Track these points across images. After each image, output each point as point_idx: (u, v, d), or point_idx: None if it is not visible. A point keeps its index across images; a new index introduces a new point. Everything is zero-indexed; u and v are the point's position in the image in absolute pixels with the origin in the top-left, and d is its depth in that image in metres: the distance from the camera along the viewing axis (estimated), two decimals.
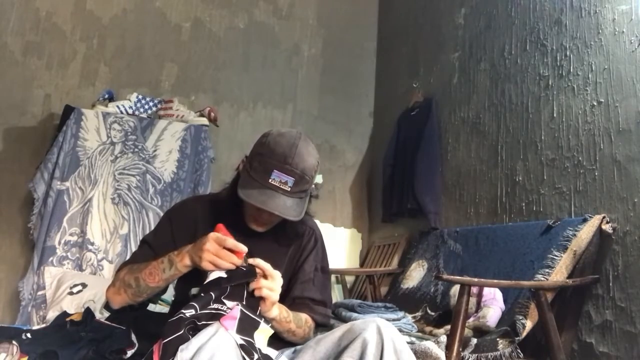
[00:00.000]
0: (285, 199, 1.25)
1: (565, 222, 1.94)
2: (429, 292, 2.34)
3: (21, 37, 3.02)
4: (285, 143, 1.28)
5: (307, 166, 1.28)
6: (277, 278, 1.22)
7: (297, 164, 1.26)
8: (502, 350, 1.65)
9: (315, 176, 1.32)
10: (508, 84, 2.47)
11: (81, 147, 2.71)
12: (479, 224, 2.51)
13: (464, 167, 2.70)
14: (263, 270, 1.21)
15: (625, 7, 1.92)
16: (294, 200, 1.27)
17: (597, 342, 1.81)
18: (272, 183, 1.24)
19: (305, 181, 1.28)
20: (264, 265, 1.21)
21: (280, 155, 1.26)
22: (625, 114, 1.86)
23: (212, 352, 1.04)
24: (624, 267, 1.77)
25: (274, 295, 1.21)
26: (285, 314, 1.29)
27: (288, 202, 1.25)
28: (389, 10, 3.78)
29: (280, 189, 1.25)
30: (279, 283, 1.22)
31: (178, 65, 3.32)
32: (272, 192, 1.24)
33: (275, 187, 1.24)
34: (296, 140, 1.28)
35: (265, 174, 1.25)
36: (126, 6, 3.27)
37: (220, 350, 1.05)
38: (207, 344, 1.06)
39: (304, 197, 1.31)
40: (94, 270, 2.57)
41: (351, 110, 3.71)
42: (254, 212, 1.32)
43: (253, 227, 1.35)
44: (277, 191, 1.25)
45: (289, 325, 1.30)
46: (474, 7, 2.81)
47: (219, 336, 1.08)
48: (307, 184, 1.29)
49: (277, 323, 1.27)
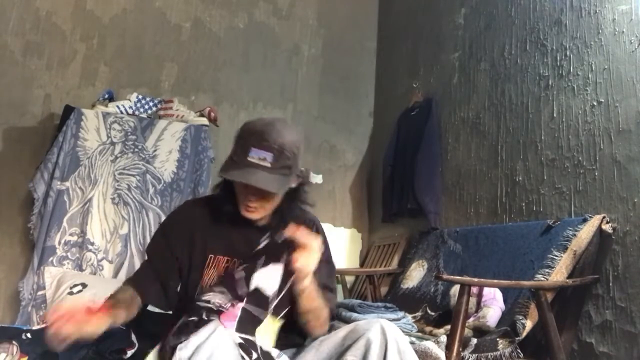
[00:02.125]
0: (266, 175, 1.24)
1: (565, 222, 1.94)
2: (429, 292, 2.34)
3: (21, 37, 3.01)
4: (262, 123, 1.30)
5: (286, 141, 1.27)
6: (313, 248, 1.22)
7: (274, 140, 1.25)
8: (502, 350, 1.65)
9: (298, 154, 1.32)
10: (508, 84, 2.47)
11: (81, 147, 2.70)
12: (479, 224, 2.51)
13: (464, 167, 2.69)
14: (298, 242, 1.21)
15: (625, 7, 1.93)
16: (275, 177, 1.26)
17: (597, 342, 1.81)
18: (251, 160, 1.24)
19: (285, 156, 1.27)
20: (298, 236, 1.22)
21: (257, 133, 1.26)
22: (625, 114, 1.86)
23: (211, 350, 1.04)
24: (624, 267, 1.78)
25: (308, 267, 1.21)
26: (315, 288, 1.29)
27: (269, 178, 1.25)
28: (389, 10, 3.78)
29: (260, 165, 1.24)
30: (315, 254, 1.22)
31: (178, 65, 3.32)
32: (253, 170, 1.24)
33: (255, 164, 1.24)
34: (274, 121, 1.30)
35: (244, 152, 1.26)
36: (126, 6, 3.26)
37: (219, 349, 1.05)
38: (205, 342, 1.06)
39: (288, 174, 1.30)
40: (94, 270, 2.57)
41: (351, 110, 3.71)
42: (242, 197, 1.31)
43: (247, 216, 1.33)
44: (258, 168, 1.24)
45: (315, 302, 1.29)
46: (474, 7, 2.81)
47: (217, 334, 1.08)
48: (289, 160, 1.28)
49: (306, 298, 1.26)
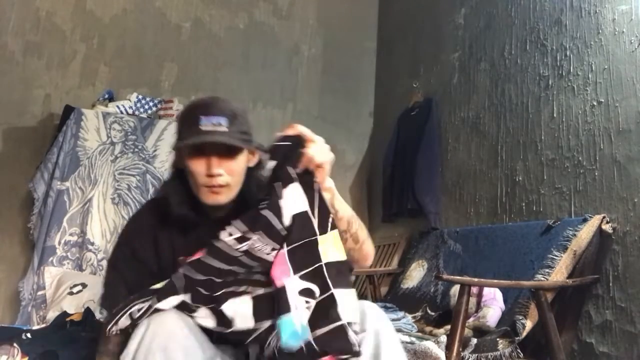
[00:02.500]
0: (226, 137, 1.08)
1: (565, 222, 1.94)
2: (429, 292, 2.34)
3: (21, 37, 3.01)
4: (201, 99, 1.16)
5: (236, 109, 1.13)
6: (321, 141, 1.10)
7: (223, 107, 1.11)
8: (502, 350, 1.65)
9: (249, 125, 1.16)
10: (508, 84, 2.47)
11: (81, 147, 2.70)
12: (479, 224, 2.51)
13: (464, 167, 2.69)
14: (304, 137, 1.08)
15: (625, 7, 1.93)
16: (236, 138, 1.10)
17: (597, 342, 1.81)
18: (204, 129, 1.07)
19: (241, 121, 1.12)
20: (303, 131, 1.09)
21: (201, 106, 1.12)
22: (625, 114, 1.86)
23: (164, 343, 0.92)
24: (624, 267, 1.77)
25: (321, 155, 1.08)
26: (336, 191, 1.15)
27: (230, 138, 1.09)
28: (389, 10, 3.78)
29: (217, 131, 1.07)
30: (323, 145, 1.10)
31: (178, 65, 3.32)
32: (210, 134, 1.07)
33: (210, 131, 1.07)
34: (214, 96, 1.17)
35: (194, 124, 1.08)
36: (126, 6, 3.26)
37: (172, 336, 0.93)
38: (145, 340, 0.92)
39: (248, 140, 1.14)
40: (94, 270, 2.57)
41: (351, 110, 3.71)
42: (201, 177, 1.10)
43: (211, 201, 1.12)
44: (215, 134, 1.07)
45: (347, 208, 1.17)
46: (474, 7, 2.80)
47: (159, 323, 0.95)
48: (246, 126, 1.14)
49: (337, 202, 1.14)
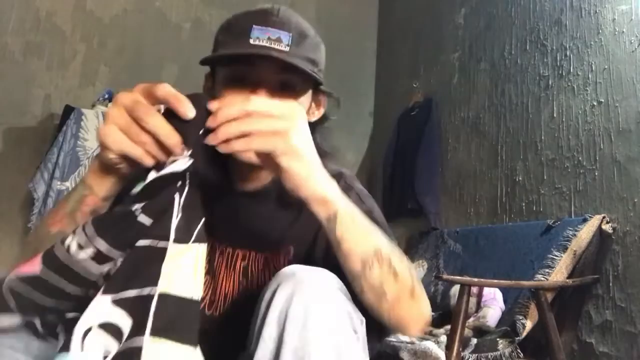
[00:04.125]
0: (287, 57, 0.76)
1: (565, 222, 1.94)
2: (429, 292, 2.34)
3: (21, 37, 3.01)
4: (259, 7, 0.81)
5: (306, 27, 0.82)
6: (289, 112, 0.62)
7: (289, 19, 0.79)
8: (502, 350, 1.65)
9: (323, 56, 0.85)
10: (508, 84, 2.47)
11: (81, 147, 2.70)
12: (479, 224, 2.51)
13: (464, 167, 2.70)
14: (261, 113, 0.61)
15: (625, 7, 1.92)
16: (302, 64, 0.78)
17: (597, 342, 1.81)
18: (255, 43, 0.76)
19: (311, 45, 0.80)
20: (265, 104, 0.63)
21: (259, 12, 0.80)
22: (625, 114, 1.86)
23: None
24: (624, 267, 1.77)
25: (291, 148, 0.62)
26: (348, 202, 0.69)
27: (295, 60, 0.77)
28: (389, 10, 3.78)
29: (274, 48, 0.76)
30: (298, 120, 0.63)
31: (178, 65, 3.32)
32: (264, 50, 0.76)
33: (264, 47, 0.76)
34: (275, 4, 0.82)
35: (240, 36, 0.77)
36: (126, 6, 3.26)
37: None
38: None
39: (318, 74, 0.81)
40: None
41: (351, 110, 3.71)
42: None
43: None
44: (270, 52, 0.76)
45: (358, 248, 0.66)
46: (474, 7, 2.81)
47: None
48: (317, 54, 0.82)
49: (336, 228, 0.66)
